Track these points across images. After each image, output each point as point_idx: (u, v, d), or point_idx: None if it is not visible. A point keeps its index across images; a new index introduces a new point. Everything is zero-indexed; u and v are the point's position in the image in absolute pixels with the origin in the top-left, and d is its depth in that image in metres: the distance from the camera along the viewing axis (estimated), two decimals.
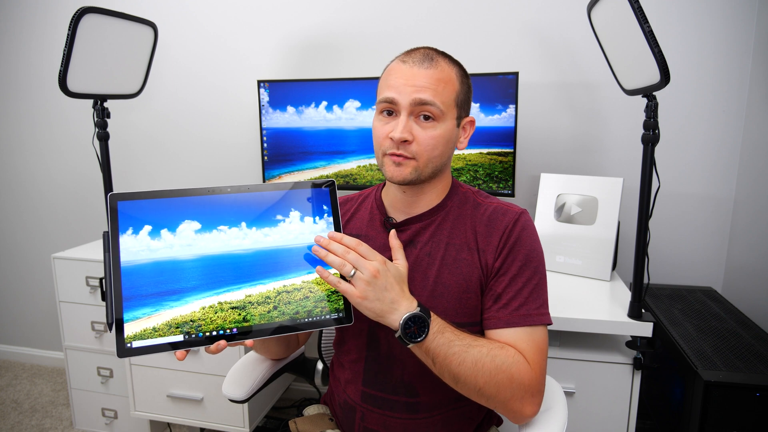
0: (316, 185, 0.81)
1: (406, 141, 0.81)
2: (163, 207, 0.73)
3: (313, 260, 0.78)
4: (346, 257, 0.74)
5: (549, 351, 1.29)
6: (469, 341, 0.77)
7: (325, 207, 0.80)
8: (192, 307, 0.72)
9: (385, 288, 0.74)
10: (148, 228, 0.72)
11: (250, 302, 0.74)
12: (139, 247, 0.71)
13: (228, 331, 0.72)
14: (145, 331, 0.69)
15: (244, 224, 0.76)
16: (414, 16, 1.83)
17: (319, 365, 1.16)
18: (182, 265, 0.73)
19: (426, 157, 0.83)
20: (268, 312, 0.74)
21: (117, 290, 0.70)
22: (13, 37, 2.21)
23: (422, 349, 0.75)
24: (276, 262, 0.76)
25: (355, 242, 0.76)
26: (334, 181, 0.82)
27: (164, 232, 0.73)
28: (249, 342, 0.73)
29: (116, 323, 0.68)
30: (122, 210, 0.72)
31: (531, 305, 0.82)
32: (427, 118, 0.82)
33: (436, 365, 0.76)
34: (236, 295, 0.74)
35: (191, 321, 0.71)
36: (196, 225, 0.74)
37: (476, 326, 0.86)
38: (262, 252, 0.76)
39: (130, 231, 0.72)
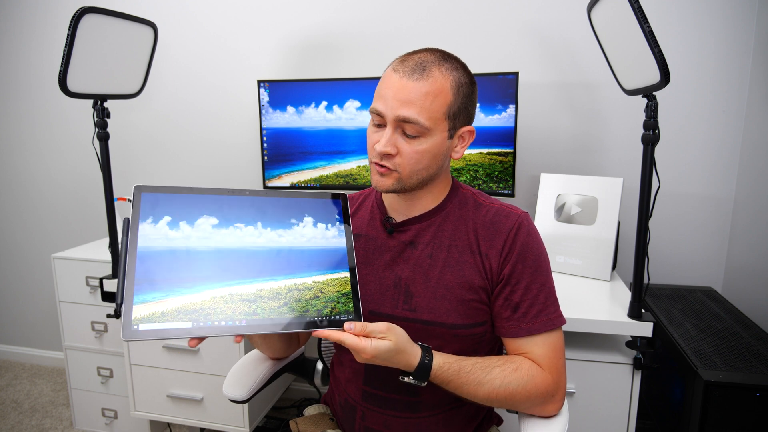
0: (329, 196, 0.86)
1: (389, 154, 0.81)
2: (183, 202, 0.77)
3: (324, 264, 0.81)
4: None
5: None
6: (480, 378, 0.80)
7: (336, 216, 0.85)
8: (203, 297, 0.73)
9: (384, 361, 0.76)
10: (167, 219, 0.75)
11: (260, 296, 0.75)
12: (156, 235, 0.74)
13: (237, 322, 0.73)
14: (153, 314, 0.69)
15: (260, 224, 0.80)
16: (414, 16, 1.83)
17: (319, 365, 1.16)
18: (197, 254, 0.75)
19: (409, 171, 0.83)
20: (278, 308, 0.75)
21: (130, 272, 0.71)
22: (13, 37, 2.21)
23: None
24: (288, 260, 0.79)
25: (337, 339, 0.75)
26: (346, 194, 0.87)
27: (182, 224, 0.76)
28: (256, 334, 0.74)
29: (125, 304, 0.69)
30: (144, 201, 0.75)
31: (549, 309, 0.85)
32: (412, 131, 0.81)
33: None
34: (248, 288, 0.75)
35: (201, 309, 0.72)
36: (214, 220, 0.78)
37: (478, 327, 0.86)
38: (276, 250, 0.79)
39: (149, 220, 0.74)
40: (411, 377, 0.78)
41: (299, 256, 0.80)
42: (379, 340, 0.74)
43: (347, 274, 0.81)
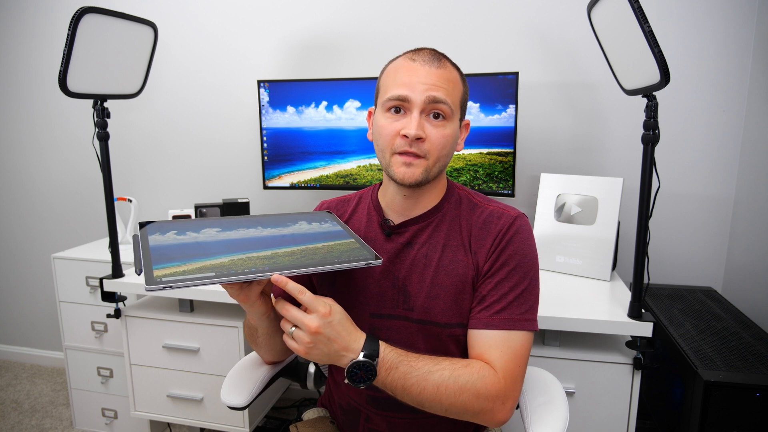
0: (311, 211, 0.97)
1: (420, 138, 0.81)
2: (185, 224, 0.85)
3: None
4: (286, 316, 0.74)
5: (549, 351, 1.30)
6: (429, 367, 0.76)
7: (326, 218, 0.94)
8: (221, 260, 0.75)
9: (329, 340, 0.73)
10: (174, 231, 0.82)
11: (277, 255, 0.78)
12: (166, 238, 0.80)
13: (260, 268, 0.73)
14: (174, 272, 0.70)
15: (260, 227, 0.88)
16: (414, 16, 1.83)
17: (311, 368, 1.15)
18: (208, 243, 0.80)
19: (436, 156, 0.83)
20: (297, 259, 0.78)
21: (146, 251, 0.75)
22: (13, 37, 2.21)
23: (378, 385, 0.76)
24: (294, 237, 0.86)
25: (297, 290, 0.72)
26: (330, 212, 0.98)
27: (189, 232, 0.83)
28: (284, 279, 0.71)
29: (144, 267, 0.70)
30: (150, 228, 0.83)
31: (514, 310, 0.82)
32: (437, 116, 0.83)
33: (397, 396, 0.77)
34: (263, 253, 0.79)
35: (221, 266, 0.73)
36: (218, 229, 0.86)
37: None
38: (281, 234, 0.87)
39: (157, 234, 0.81)
40: (361, 356, 0.73)
41: (304, 236, 0.87)
42: (334, 303, 0.75)
43: (352, 240, 0.86)
